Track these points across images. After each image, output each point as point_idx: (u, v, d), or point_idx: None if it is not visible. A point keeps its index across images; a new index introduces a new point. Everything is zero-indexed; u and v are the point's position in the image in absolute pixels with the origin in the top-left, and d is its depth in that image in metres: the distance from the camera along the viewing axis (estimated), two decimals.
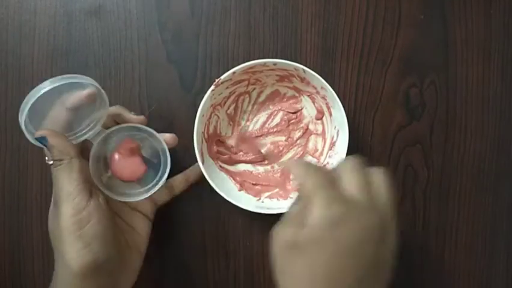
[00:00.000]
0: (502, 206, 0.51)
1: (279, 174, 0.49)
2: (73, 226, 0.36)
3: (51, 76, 0.47)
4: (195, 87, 0.48)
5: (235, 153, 0.49)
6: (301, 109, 0.49)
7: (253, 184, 0.48)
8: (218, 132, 0.48)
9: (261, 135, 0.49)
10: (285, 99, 0.49)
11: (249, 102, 0.49)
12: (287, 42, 0.49)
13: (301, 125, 0.49)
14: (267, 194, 0.48)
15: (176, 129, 0.48)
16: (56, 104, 0.38)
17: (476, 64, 0.50)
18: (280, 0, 0.48)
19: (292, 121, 0.49)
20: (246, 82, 0.47)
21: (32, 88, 0.47)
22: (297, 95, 0.48)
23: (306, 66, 0.48)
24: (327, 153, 0.48)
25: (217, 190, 0.43)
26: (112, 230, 0.39)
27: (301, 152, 0.49)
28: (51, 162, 0.37)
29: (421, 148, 0.50)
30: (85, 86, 0.38)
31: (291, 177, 0.48)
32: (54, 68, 0.48)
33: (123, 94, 0.48)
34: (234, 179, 0.48)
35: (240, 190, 0.47)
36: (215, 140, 0.48)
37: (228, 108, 0.48)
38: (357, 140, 0.48)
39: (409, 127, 0.50)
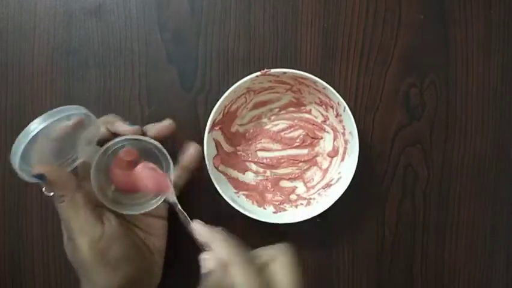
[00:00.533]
0: (502, 206, 0.51)
1: (269, 184, 0.49)
2: (95, 258, 0.36)
3: (51, 76, 0.48)
4: (195, 87, 0.48)
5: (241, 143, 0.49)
6: (320, 139, 0.49)
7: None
8: (238, 112, 0.48)
9: (272, 139, 0.49)
10: (311, 121, 0.49)
11: (280, 104, 0.49)
12: (287, 42, 0.49)
13: (312, 152, 0.49)
14: (244, 192, 0.48)
15: (176, 129, 0.48)
16: (40, 136, 0.34)
17: (476, 64, 0.50)
18: (280, 0, 0.48)
19: (306, 144, 0.49)
20: (288, 86, 0.47)
21: (32, 89, 0.48)
22: (324, 125, 0.49)
23: (306, 66, 0.49)
24: (318, 190, 0.48)
25: (217, 186, 0.44)
26: (132, 247, 0.39)
27: (297, 176, 0.49)
28: (51, 194, 0.36)
29: (421, 148, 0.50)
30: (71, 116, 0.35)
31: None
32: (55, 68, 0.48)
33: (123, 94, 0.48)
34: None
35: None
36: (230, 120, 0.48)
37: (259, 98, 0.48)
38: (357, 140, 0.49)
39: (409, 127, 0.50)
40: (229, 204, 0.44)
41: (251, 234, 0.44)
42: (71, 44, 0.48)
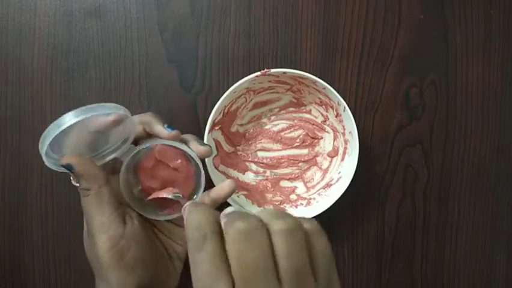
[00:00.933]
0: (502, 205, 0.51)
1: (269, 184, 0.49)
2: (112, 258, 0.35)
3: (51, 76, 0.48)
4: (195, 87, 0.48)
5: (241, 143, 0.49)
6: (320, 139, 0.49)
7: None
8: (238, 112, 0.48)
9: (272, 139, 0.49)
10: (311, 122, 0.49)
11: (280, 104, 0.49)
12: (287, 42, 0.49)
13: (311, 152, 0.49)
14: (244, 192, 0.48)
15: (176, 129, 0.48)
16: (77, 126, 0.33)
17: (476, 64, 0.50)
18: (280, 1, 0.48)
19: (306, 144, 0.49)
20: (288, 86, 0.47)
21: (32, 89, 0.48)
22: (324, 125, 0.49)
23: (306, 66, 0.49)
24: (318, 190, 0.48)
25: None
26: (152, 249, 0.38)
27: (297, 176, 0.49)
28: (77, 185, 0.35)
29: (421, 148, 0.50)
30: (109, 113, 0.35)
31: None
32: (55, 68, 0.48)
33: (123, 94, 0.48)
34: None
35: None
36: (230, 120, 0.48)
37: (259, 98, 0.48)
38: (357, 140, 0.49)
39: (409, 127, 0.50)
40: (229, 205, 0.44)
41: None
42: (71, 44, 0.48)
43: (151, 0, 0.48)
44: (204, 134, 0.47)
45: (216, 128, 0.46)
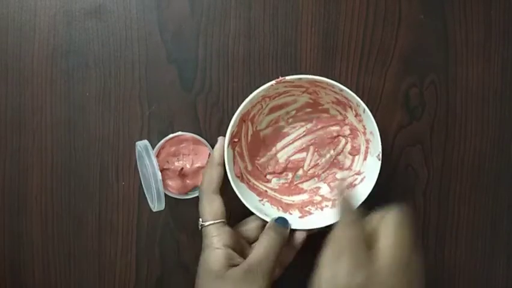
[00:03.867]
0: (502, 206, 0.51)
1: (292, 187, 0.49)
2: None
3: (51, 76, 0.48)
4: (195, 87, 0.48)
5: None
6: (341, 136, 0.48)
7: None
8: (255, 119, 0.47)
9: (292, 142, 0.49)
10: (330, 121, 0.48)
11: (296, 106, 0.48)
12: (287, 42, 0.48)
13: (332, 153, 0.49)
14: (268, 199, 0.47)
15: (176, 130, 0.48)
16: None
17: (476, 64, 0.50)
18: (281, 1, 0.48)
19: (326, 143, 0.49)
20: (304, 89, 0.46)
21: (32, 89, 0.48)
22: (343, 124, 0.48)
23: (306, 66, 0.49)
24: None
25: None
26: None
27: (319, 176, 0.49)
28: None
29: (421, 148, 0.50)
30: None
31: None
32: (55, 68, 0.48)
33: (123, 94, 0.48)
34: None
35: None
36: (247, 128, 0.47)
37: (275, 103, 0.47)
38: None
39: (409, 127, 0.50)
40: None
41: None
42: (71, 44, 0.48)
43: (151, 1, 0.48)
44: (203, 135, 0.48)
45: (235, 139, 0.45)
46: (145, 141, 0.43)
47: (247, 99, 0.42)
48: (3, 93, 0.48)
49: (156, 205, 0.43)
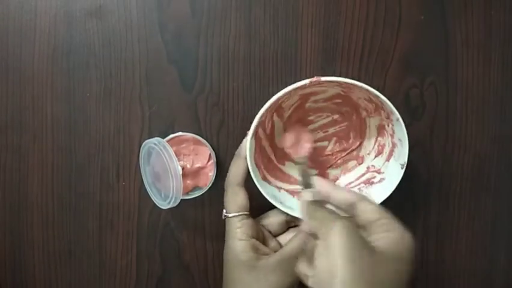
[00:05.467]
0: (502, 206, 0.51)
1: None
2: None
3: (52, 76, 0.48)
4: (196, 88, 0.48)
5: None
6: (366, 130, 0.48)
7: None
8: (281, 109, 0.46)
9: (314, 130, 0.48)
10: (357, 114, 0.47)
11: (324, 96, 0.47)
12: (287, 42, 0.49)
13: (356, 146, 0.48)
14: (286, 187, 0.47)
15: (176, 130, 0.48)
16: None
17: (476, 64, 0.50)
18: (281, 1, 0.48)
19: (350, 136, 0.48)
20: (337, 83, 0.44)
21: (33, 89, 0.48)
22: (372, 118, 0.47)
23: (306, 67, 0.49)
24: (359, 185, 0.47)
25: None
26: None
27: (338, 167, 0.49)
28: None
29: (421, 148, 0.50)
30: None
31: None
32: (55, 69, 0.48)
33: (124, 95, 0.48)
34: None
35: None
36: (271, 115, 0.46)
37: (303, 91, 0.45)
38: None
39: (409, 128, 0.49)
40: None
41: None
42: (72, 45, 0.48)
43: (151, 1, 0.48)
44: (204, 135, 0.48)
45: (259, 129, 0.44)
46: (158, 138, 0.43)
47: (274, 97, 0.41)
48: (3, 94, 0.48)
49: (172, 202, 0.43)
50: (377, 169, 0.46)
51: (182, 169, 0.46)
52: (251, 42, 0.48)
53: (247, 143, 0.41)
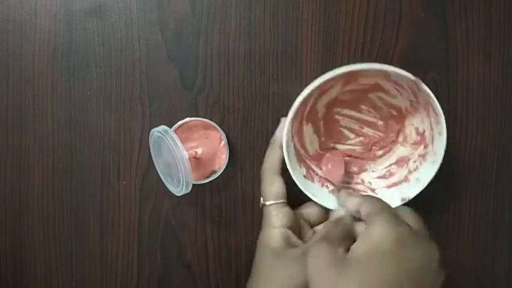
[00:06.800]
0: (504, 204, 0.51)
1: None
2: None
3: (52, 76, 0.48)
4: (196, 86, 0.48)
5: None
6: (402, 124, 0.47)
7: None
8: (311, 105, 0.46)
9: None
10: (394, 107, 0.47)
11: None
12: (288, 40, 0.49)
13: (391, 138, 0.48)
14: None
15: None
16: None
17: (476, 62, 0.50)
18: None
19: (387, 127, 0.48)
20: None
21: (33, 89, 0.48)
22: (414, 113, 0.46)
23: (306, 65, 0.49)
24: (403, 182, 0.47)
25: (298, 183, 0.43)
26: None
27: (366, 163, 0.48)
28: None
29: None
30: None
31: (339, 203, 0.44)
32: (55, 68, 0.48)
33: (124, 93, 0.48)
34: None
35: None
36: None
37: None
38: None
39: None
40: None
41: None
42: (72, 44, 0.48)
43: (151, 0, 0.48)
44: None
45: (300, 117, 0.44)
46: (163, 126, 0.43)
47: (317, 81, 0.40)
48: (4, 93, 0.48)
49: (184, 188, 0.43)
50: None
51: (196, 154, 0.46)
52: (251, 40, 0.48)
53: (284, 130, 0.41)
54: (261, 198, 0.42)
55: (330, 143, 0.48)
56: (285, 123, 0.41)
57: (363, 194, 0.45)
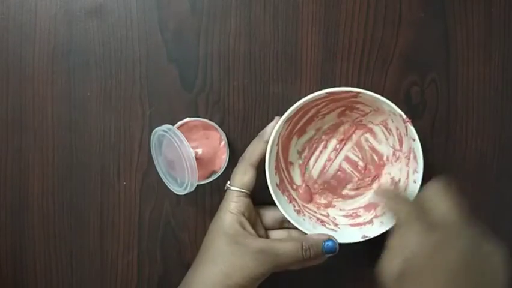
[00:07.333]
0: (503, 205, 0.51)
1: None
2: None
3: (52, 76, 0.48)
4: (196, 87, 0.48)
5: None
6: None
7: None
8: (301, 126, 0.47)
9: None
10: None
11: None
12: (288, 41, 0.48)
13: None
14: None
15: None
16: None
17: (477, 62, 0.50)
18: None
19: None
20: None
21: (33, 89, 0.48)
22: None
23: (306, 65, 0.49)
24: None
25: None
26: None
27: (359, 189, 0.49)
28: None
29: (422, 146, 0.50)
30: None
31: (381, 206, 0.45)
32: (55, 68, 0.48)
33: (124, 94, 0.48)
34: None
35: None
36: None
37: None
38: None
39: None
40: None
41: None
42: (72, 44, 0.48)
43: (151, 0, 0.48)
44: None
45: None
46: (168, 125, 0.43)
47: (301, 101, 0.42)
48: (4, 93, 0.48)
49: (189, 187, 0.43)
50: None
51: (196, 155, 0.46)
52: (251, 41, 0.48)
53: (275, 127, 0.42)
54: (228, 181, 0.43)
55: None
56: (278, 122, 0.42)
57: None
